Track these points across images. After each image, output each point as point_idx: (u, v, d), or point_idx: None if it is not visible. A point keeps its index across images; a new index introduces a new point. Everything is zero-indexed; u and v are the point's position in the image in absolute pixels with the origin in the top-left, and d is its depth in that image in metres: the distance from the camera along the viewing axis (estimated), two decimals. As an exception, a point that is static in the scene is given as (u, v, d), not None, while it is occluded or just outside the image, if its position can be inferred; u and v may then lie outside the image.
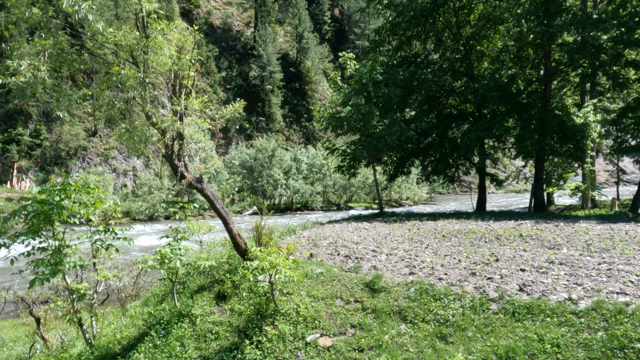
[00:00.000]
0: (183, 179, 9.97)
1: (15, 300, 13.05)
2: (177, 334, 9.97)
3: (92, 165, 70.09)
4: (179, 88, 9.55)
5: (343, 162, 31.75)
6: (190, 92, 9.81)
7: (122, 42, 8.83)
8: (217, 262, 11.72)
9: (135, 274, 19.99)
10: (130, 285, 19.94)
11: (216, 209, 10.72)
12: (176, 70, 9.37)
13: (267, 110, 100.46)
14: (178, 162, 10.02)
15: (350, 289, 9.85)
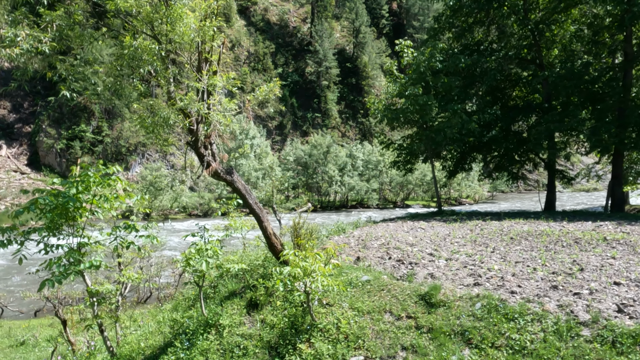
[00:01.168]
0: (210, 171, 8.68)
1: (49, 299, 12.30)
2: (202, 347, 8.72)
3: (150, 161, 71.23)
4: (200, 63, 8.25)
5: (399, 157, 29.92)
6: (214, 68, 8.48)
7: (138, 9, 7.62)
8: (251, 265, 10.42)
9: (178, 272, 19.14)
10: (172, 284, 19.10)
11: (248, 204, 9.39)
12: (199, 43, 8.07)
13: (323, 106, 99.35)
14: (204, 150, 8.75)
15: (402, 302, 8.26)
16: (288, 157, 70.69)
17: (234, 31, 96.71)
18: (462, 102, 27.63)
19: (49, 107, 71.69)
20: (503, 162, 30.71)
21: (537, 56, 28.14)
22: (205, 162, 8.73)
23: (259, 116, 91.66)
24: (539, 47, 27.79)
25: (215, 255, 9.13)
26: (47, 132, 69.06)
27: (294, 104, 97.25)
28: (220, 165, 8.94)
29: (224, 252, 9.45)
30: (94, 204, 9.58)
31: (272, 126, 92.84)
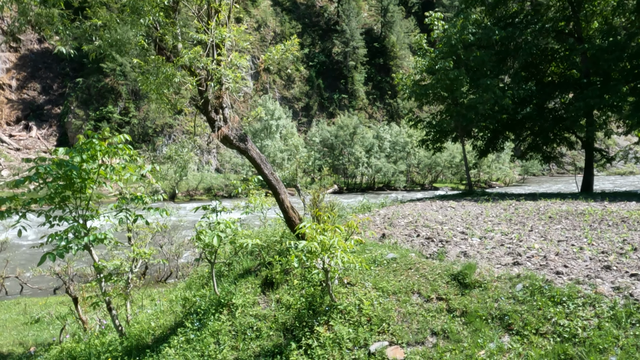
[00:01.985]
0: (221, 137, 7.92)
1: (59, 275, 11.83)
2: (213, 328, 8.05)
3: (177, 142, 71.28)
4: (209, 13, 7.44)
5: (428, 136, 28.78)
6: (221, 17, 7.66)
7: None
8: (267, 241, 9.68)
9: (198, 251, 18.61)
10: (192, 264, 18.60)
11: (263, 174, 8.62)
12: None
13: (349, 87, 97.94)
14: (215, 114, 7.98)
15: (432, 282, 7.41)
16: (314, 138, 69.87)
17: (260, 11, 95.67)
18: (495, 78, 26.26)
19: (77, 88, 72.21)
20: (537, 141, 29.27)
21: (576, 29, 26.53)
22: (217, 127, 7.97)
23: (285, 97, 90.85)
24: (577, 20, 26.17)
25: (228, 229, 8.42)
26: (75, 113, 69.62)
27: (321, 85, 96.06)
28: (232, 131, 8.17)
29: (243, 232, 8.72)
30: (101, 175, 8.96)
31: (298, 108, 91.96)
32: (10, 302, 15.94)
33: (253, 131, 65.88)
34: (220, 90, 7.57)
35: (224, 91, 7.67)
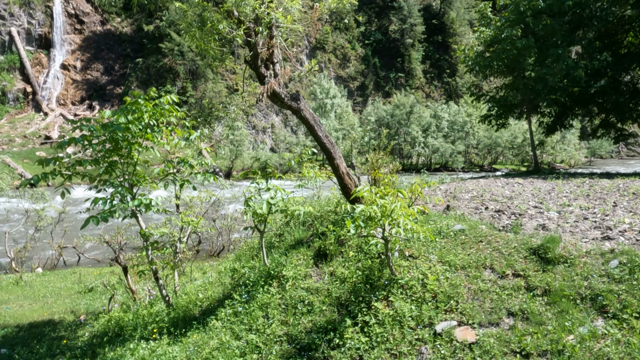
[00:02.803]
0: (270, 92, 7.25)
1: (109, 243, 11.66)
2: (262, 301, 7.49)
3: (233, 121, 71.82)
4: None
5: (491, 111, 27.23)
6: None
7: None
8: (321, 210, 9.00)
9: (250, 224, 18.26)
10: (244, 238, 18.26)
11: (317, 137, 7.91)
12: None
13: (406, 65, 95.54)
14: (265, 69, 7.30)
15: (507, 256, 6.52)
16: (369, 118, 68.61)
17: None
18: (566, 47, 24.35)
19: (137, 68, 73.85)
20: (609, 118, 27.11)
21: (660, -8, 24.13)
22: (267, 84, 7.30)
23: (340, 77, 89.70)
24: (662, -18, 23.78)
25: (278, 195, 7.79)
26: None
27: (377, 64, 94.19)
28: (283, 89, 7.48)
29: (295, 199, 8.07)
30: (148, 138, 8.53)
31: (354, 87, 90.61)
32: (67, 271, 16.13)
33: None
34: (270, 39, 6.87)
35: (274, 42, 6.97)
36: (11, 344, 9.07)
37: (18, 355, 8.51)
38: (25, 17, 76.08)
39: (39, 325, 10.16)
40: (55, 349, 8.68)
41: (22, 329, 9.96)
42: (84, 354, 8.21)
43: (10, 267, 16.18)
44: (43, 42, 76.81)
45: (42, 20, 77.35)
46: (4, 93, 68.77)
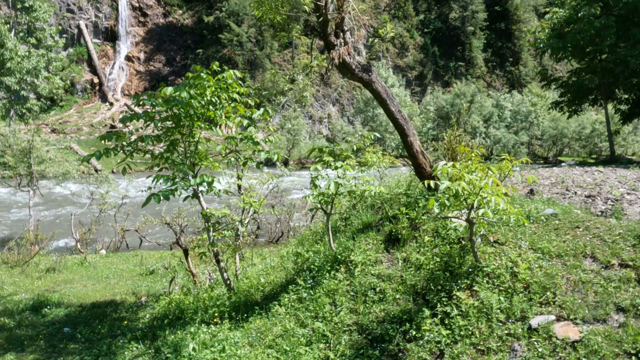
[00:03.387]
0: (340, 62, 6.69)
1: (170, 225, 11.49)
2: (329, 286, 6.99)
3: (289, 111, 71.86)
4: None
5: (563, 97, 25.66)
6: None
7: None
8: (391, 193, 8.38)
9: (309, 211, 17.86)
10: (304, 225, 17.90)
11: (390, 112, 7.29)
12: None
13: (467, 54, 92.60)
14: (335, 38, 6.74)
15: (611, 244, 5.71)
16: (428, 107, 66.86)
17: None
18: (651, 27, 22.47)
19: (197, 59, 75.10)
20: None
21: None
22: (337, 54, 6.74)
23: (398, 66, 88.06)
24: None
25: (347, 174, 7.26)
26: (195, 83, 72.52)
27: (436, 52, 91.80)
28: (354, 59, 6.90)
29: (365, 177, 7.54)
30: (210, 116, 8.18)
31: (412, 76, 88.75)
32: (129, 253, 16.26)
33: (365, 99, 64.52)
34: (340, 4, 6.30)
35: (345, 7, 6.39)
36: (74, 323, 9.01)
37: (80, 334, 8.41)
38: (93, 10, 78.88)
39: (101, 305, 10.11)
40: (116, 330, 8.53)
41: (84, 309, 9.92)
42: (145, 335, 8.00)
43: (75, 248, 16.49)
44: (109, 35, 79.43)
45: (108, 13, 79.98)
46: (73, 84, 71.59)
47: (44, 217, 20.06)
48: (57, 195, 27.00)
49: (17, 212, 24.28)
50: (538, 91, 77.97)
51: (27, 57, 39.21)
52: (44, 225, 18.56)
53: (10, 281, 12.24)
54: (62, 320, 9.27)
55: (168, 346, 7.07)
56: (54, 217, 22.69)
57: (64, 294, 11.08)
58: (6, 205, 26.19)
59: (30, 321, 9.24)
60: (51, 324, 9.11)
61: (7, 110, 39.43)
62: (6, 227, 21.14)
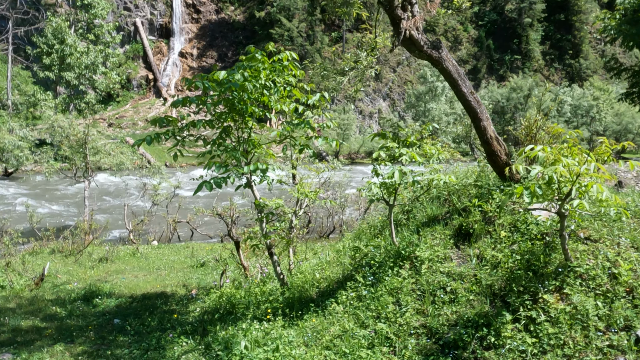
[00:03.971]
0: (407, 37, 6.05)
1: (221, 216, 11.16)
2: (392, 285, 6.38)
3: (340, 105, 71.28)
4: None
5: (634, 88, 23.91)
6: None
7: None
8: (458, 183, 7.67)
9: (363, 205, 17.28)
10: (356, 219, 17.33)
11: (461, 93, 6.60)
12: None
13: (523, 47, 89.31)
14: (402, 11, 6.11)
15: None
16: (483, 101, 64.84)
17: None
18: None
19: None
20: None
21: None
22: (403, 28, 6.10)
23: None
24: None
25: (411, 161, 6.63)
26: (246, 78, 73.02)
27: (490, 45, 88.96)
28: (422, 34, 6.24)
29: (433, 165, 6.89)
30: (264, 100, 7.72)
31: (465, 70, 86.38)
32: (180, 245, 16.14)
33: (416, 94, 63.23)
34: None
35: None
36: (124, 315, 8.77)
37: (130, 326, 8.14)
38: (149, 8, 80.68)
39: (152, 297, 9.87)
40: (166, 323, 8.22)
41: (135, 300, 9.70)
42: (195, 330, 7.64)
43: (128, 239, 16.52)
44: (163, 32, 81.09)
45: (163, 11, 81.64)
46: (129, 80, 73.40)
47: (98, 207, 20.30)
48: (111, 186, 27.49)
49: (73, 202, 24.82)
50: (600, 84, 74.39)
51: (86, 53, 40.28)
52: (98, 215, 18.75)
53: (64, 270, 12.25)
54: (113, 311, 9.07)
55: (219, 343, 6.66)
56: (108, 208, 23.03)
57: (116, 284, 10.94)
58: (63, 196, 26.87)
59: (81, 311, 9.08)
60: (101, 314, 8.91)
61: (66, 105, 40.62)
62: (62, 217, 21.57)
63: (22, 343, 7.49)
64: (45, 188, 29.15)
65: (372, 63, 6.61)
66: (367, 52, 6.57)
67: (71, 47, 39.14)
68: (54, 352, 7.11)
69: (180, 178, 19.84)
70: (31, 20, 44.96)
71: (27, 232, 15.96)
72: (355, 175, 31.01)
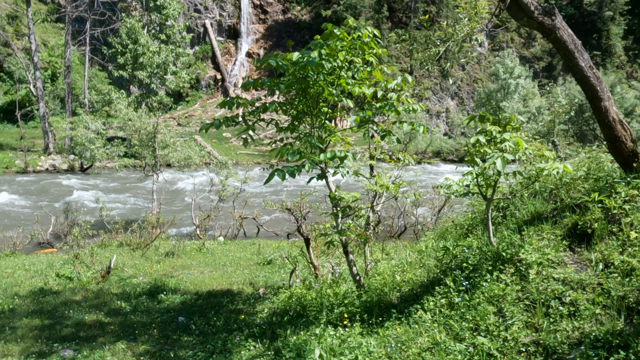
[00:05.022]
0: (515, 6, 5.11)
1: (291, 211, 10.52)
2: (491, 292, 5.45)
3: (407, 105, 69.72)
4: None
5: None
6: None
7: None
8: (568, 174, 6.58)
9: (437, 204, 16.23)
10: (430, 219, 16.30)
11: (579, 68, 5.58)
12: None
13: (603, 42, 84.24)
14: (509, -30, 5.17)
15: None
16: (559, 100, 61.34)
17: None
18: None
19: (314, 54, 75.40)
20: None
21: None
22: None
23: (524, 57, 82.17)
24: None
25: (517, 149, 5.66)
26: (311, 77, 72.91)
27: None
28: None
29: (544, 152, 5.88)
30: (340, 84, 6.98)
31: (539, 68, 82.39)
32: (247, 242, 15.70)
33: (487, 92, 60.76)
34: None
35: None
36: (189, 312, 8.27)
37: (194, 325, 7.62)
38: (217, 9, 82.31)
39: (218, 294, 9.35)
40: (232, 323, 7.64)
41: (200, 297, 9.21)
42: (263, 333, 6.99)
43: (194, 234, 16.29)
44: (231, 33, 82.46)
45: (232, 12, 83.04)
46: (198, 80, 75.10)
47: (165, 202, 20.30)
48: (179, 181, 27.74)
49: (141, 196, 25.15)
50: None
51: (158, 53, 41.17)
52: (165, 210, 18.71)
53: (131, 263, 12.03)
54: (177, 308, 8.60)
55: (290, 349, 5.96)
56: (176, 203, 23.10)
57: (181, 279, 10.54)
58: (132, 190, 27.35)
59: (145, 306, 8.68)
60: (166, 311, 8.46)
61: (138, 104, 41.65)
62: (131, 210, 21.81)
63: (84, 339, 7.12)
64: (116, 182, 29.88)
65: (475, 29, 5.70)
66: (470, 16, 5.66)
67: (144, 46, 40.11)
68: (115, 350, 6.66)
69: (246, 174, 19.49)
70: (107, 21, 46.55)
71: (97, 224, 16.04)
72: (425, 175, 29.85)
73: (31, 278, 10.59)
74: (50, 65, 50.64)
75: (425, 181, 30.18)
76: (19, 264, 11.88)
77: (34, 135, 41.99)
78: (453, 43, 5.77)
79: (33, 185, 28.55)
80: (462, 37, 5.58)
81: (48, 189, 27.59)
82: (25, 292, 9.53)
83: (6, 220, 18.96)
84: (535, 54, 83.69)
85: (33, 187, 27.78)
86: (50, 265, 11.60)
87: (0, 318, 8.08)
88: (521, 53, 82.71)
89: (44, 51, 52.28)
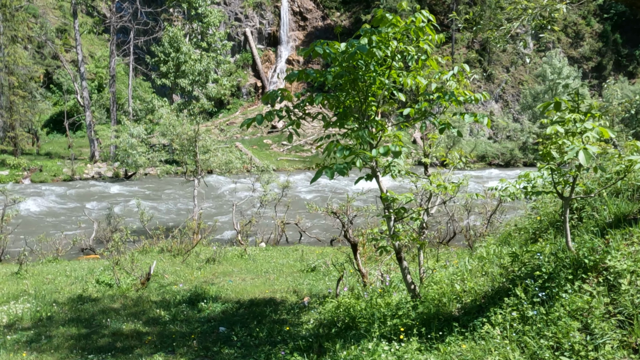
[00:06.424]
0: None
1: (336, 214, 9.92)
2: (573, 304, 4.71)
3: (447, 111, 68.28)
4: None
5: None
6: None
7: None
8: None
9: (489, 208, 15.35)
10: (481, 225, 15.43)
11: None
12: None
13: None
14: None
15: None
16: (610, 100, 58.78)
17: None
18: None
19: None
20: None
21: None
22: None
23: (572, 57, 79.32)
24: None
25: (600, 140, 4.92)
26: (352, 83, 72.38)
27: (617, 40, 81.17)
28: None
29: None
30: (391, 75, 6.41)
31: (588, 68, 79.37)
32: (289, 248, 15.22)
33: (533, 94, 58.79)
34: None
35: None
36: (230, 322, 7.78)
37: (236, 336, 7.11)
38: (257, 17, 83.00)
39: (260, 303, 8.83)
40: (276, 335, 7.09)
41: (242, 306, 8.72)
42: (309, 346, 6.41)
43: (236, 240, 15.91)
44: (271, 40, 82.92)
45: (271, 20, 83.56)
46: (239, 88, 75.72)
47: (207, 207, 20.08)
48: (221, 187, 27.59)
49: (183, 202, 25.08)
50: None
51: (199, 60, 41.52)
52: (206, 215, 18.45)
53: (171, 270, 11.70)
54: (218, 318, 8.13)
55: (340, 365, 5.37)
56: (217, 208, 22.88)
57: (222, 287, 10.09)
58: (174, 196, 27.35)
59: (185, 315, 8.24)
60: (206, 320, 8.00)
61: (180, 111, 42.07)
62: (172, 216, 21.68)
63: (121, 349, 6.71)
64: (158, 188, 30.03)
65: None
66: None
67: (186, 54, 40.51)
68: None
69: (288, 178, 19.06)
70: (150, 31, 47.35)
71: (139, 230, 15.87)
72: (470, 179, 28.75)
73: (71, 284, 10.37)
74: (96, 76, 51.95)
75: (471, 186, 29.06)
76: (61, 270, 11.73)
77: (81, 144, 42.97)
78: (529, 16, 5.07)
79: (78, 192, 28.99)
80: (538, 11, 4.90)
81: (92, 196, 27.95)
82: (64, 299, 9.28)
83: (50, 226, 19.11)
84: (584, 54, 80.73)
85: (78, 194, 28.20)
86: (90, 271, 11.39)
87: (37, 326, 7.81)
88: (569, 53, 79.91)
89: (90, 62, 53.72)
